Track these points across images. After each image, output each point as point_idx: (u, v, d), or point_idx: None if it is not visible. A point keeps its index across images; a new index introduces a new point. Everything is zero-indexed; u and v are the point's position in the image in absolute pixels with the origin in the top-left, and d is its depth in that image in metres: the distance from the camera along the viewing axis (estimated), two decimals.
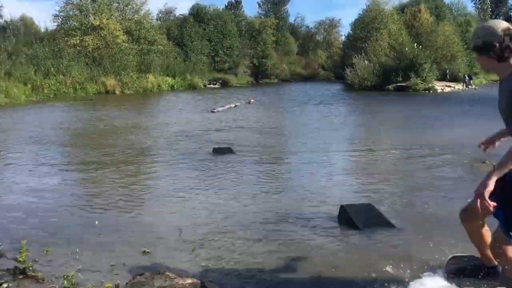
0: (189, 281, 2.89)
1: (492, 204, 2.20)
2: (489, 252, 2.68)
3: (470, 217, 2.65)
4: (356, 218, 4.08)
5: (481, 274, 2.84)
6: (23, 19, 34.71)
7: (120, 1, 31.40)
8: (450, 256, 3.12)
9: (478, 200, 2.24)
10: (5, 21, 33.62)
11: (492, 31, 2.29)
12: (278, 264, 3.38)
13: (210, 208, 4.77)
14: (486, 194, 2.21)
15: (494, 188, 2.23)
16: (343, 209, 4.30)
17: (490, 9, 69.31)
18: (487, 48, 2.31)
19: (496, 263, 2.71)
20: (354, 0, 70.92)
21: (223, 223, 4.24)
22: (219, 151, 7.78)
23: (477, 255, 2.91)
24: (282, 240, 3.84)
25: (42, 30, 34.20)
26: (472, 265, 2.95)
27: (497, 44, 2.27)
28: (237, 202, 4.97)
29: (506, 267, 2.52)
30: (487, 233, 2.68)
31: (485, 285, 2.82)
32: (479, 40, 2.34)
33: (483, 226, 2.69)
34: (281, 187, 5.66)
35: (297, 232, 4.04)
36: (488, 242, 2.65)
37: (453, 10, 50.75)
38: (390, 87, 28.06)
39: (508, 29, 2.27)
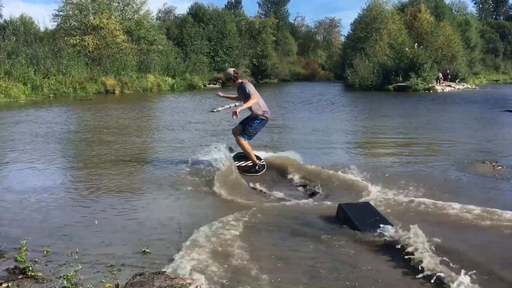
0: (189, 281, 2.89)
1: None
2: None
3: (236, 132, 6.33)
4: (354, 217, 4.09)
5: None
6: (22, 18, 34.56)
7: (120, 1, 31.36)
8: None
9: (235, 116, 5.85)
10: (5, 21, 33.48)
11: None
12: (276, 263, 3.39)
13: (210, 207, 4.78)
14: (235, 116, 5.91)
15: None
16: (341, 208, 4.31)
17: (492, 9, 69.34)
18: None
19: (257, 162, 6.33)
20: (354, 0, 70.88)
21: (223, 223, 4.24)
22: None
23: None
24: (280, 239, 3.85)
25: (42, 29, 34.04)
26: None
27: None
28: (236, 202, 4.98)
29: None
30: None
31: None
32: None
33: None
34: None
35: (295, 232, 4.04)
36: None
37: (453, 10, 50.72)
38: (390, 87, 28.06)
39: None
